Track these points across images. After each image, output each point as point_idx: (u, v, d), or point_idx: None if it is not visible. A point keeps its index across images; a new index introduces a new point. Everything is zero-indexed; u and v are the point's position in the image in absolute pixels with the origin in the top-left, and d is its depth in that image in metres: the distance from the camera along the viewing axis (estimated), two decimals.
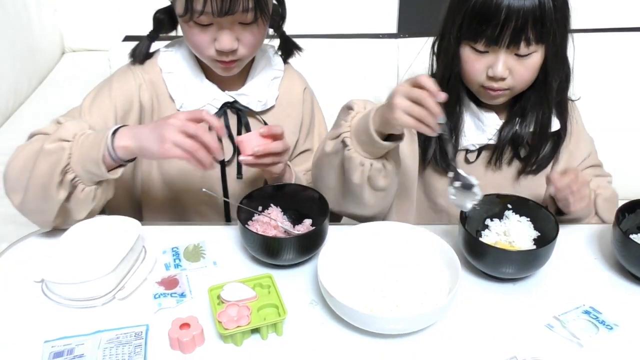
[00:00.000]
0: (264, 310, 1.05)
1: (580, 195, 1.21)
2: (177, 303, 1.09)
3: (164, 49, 1.35)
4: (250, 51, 1.25)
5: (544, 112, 1.28)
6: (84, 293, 1.08)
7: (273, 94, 1.38)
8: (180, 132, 1.07)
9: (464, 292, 1.10)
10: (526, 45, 1.16)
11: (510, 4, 1.12)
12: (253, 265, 1.19)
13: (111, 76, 1.35)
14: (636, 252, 1.11)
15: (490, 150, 1.33)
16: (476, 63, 1.21)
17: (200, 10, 1.15)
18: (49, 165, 1.11)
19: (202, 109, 1.30)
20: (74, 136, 1.12)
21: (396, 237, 1.18)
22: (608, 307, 1.08)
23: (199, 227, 1.30)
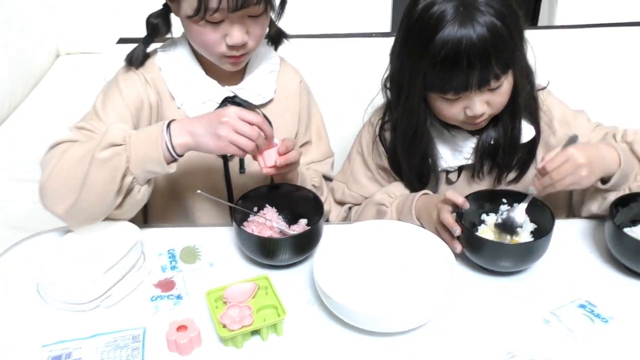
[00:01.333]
0: (263, 312, 1.06)
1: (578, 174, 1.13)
2: (173, 305, 1.10)
3: (161, 48, 1.35)
4: (258, 43, 1.26)
5: (513, 126, 1.27)
6: (71, 298, 1.08)
7: (271, 87, 1.38)
8: (235, 131, 1.11)
9: (461, 289, 1.10)
10: (496, 80, 1.17)
11: (469, 50, 1.11)
12: (249, 266, 1.19)
13: (115, 78, 1.34)
14: (630, 245, 1.11)
15: (470, 168, 1.34)
16: (451, 108, 1.22)
17: (215, 8, 1.15)
18: (108, 172, 1.11)
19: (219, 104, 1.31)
20: (124, 139, 1.12)
21: (391, 235, 1.18)
22: (603, 300, 1.09)
23: (195, 228, 1.30)
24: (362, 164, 1.44)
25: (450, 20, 1.12)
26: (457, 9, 1.12)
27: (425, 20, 1.15)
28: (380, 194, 1.36)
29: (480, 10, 1.12)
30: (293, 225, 1.24)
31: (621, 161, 1.16)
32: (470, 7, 1.12)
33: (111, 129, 1.14)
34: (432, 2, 1.15)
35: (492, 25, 1.12)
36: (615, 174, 1.16)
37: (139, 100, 1.30)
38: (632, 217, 1.20)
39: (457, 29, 1.11)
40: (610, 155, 1.17)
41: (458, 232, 1.14)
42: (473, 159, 1.32)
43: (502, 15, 1.13)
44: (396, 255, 1.17)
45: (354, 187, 1.44)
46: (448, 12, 1.12)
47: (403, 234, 1.18)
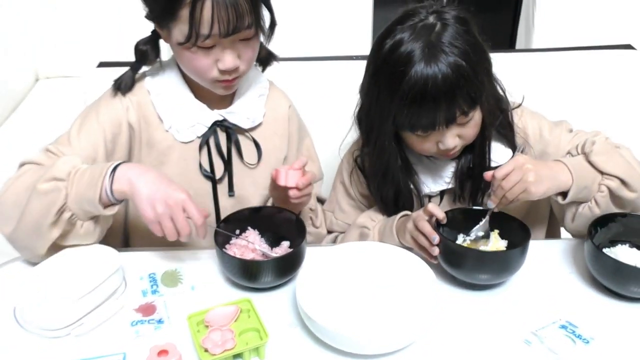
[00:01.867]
0: (246, 335, 1.05)
1: (524, 182, 1.13)
2: (154, 330, 1.08)
3: (150, 72, 1.35)
4: (250, 66, 1.27)
5: (482, 156, 1.29)
6: (45, 324, 1.07)
7: (260, 111, 1.39)
8: (169, 217, 1.11)
9: (443, 309, 1.11)
10: (464, 116, 1.18)
11: (434, 90, 1.13)
12: (231, 289, 1.18)
13: (97, 101, 1.34)
14: (609, 265, 1.12)
15: (451, 192, 1.35)
16: (424, 143, 1.23)
17: (207, 34, 1.15)
18: (44, 205, 1.11)
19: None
20: (68, 175, 1.12)
21: (373, 256, 1.19)
22: (584, 320, 1.09)
23: (176, 252, 1.29)
24: (345, 193, 1.45)
25: (417, 62, 1.13)
26: (422, 50, 1.13)
27: (392, 63, 1.16)
28: (363, 217, 1.37)
29: (444, 51, 1.13)
30: (275, 248, 1.24)
31: (572, 175, 1.17)
32: (435, 48, 1.13)
33: (59, 162, 1.14)
34: (399, 42, 1.15)
35: (456, 65, 1.13)
36: (570, 188, 1.17)
37: (116, 125, 1.29)
38: (611, 237, 1.21)
39: (423, 70, 1.12)
40: (561, 170, 1.18)
41: (437, 240, 1.15)
42: (453, 182, 1.33)
43: (467, 54, 1.14)
44: (378, 276, 1.17)
45: (339, 216, 1.45)
46: (414, 54, 1.13)
47: (385, 255, 1.18)
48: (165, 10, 1.18)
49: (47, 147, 1.24)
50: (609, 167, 1.18)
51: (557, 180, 1.17)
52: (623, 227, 1.21)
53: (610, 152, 1.21)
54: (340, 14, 2.48)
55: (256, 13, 1.18)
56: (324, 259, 1.17)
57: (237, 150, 1.38)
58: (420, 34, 1.15)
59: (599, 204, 1.20)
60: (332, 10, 2.47)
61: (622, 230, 1.21)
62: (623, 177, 1.18)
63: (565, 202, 1.19)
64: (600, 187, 1.19)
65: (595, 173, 1.19)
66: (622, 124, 1.65)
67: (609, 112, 1.65)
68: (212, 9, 1.13)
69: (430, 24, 1.16)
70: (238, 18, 1.14)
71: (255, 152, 1.39)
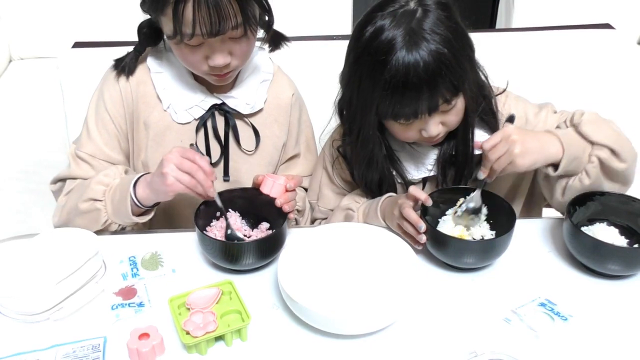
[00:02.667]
0: (227, 317, 1.04)
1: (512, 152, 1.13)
2: (135, 313, 1.08)
3: (154, 51, 1.34)
4: (244, 60, 1.27)
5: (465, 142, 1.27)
6: (24, 309, 1.06)
7: (262, 97, 1.37)
8: (178, 169, 1.14)
9: (424, 289, 1.11)
10: (447, 104, 1.17)
11: (415, 78, 1.11)
12: (212, 272, 1.18)
13: (101, 88, 1.36)
14: (587, 244, 1.14)
15: (433, 179, 1.34)
16: (407, 131, 1.22)
17: (190, 34, 1.14)
18: (89, 221, 1.25)
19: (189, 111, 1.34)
20: (103, 194, 1.24)
21: (355, 237, 1.19)
22: (562, 298, 1.11)
23: (156, 234, 1.28)
24: (328, 179, 1.44)
25: (398, 50, 1.11)
26: (403, 38, 1.11)
27: (372, 52, 1.13)
28: (347, 199, 1.36)
29: (425, 38, 1.11)
30: (255, 230, 1.23)
31: (564, 146, 1.15)
32: (416, 35, 1.11)
33: (93, 183, 1.25)
34: (380, 29, 1.13)
35: (437, 52, 1.11)
36: (562, 159, 1.16)
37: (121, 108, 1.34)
38: (589, 216, 1.23)
39: (403, 58, 1.10)
40: (551, 141, 1.16)
41: (424, 229, 1.15)
42: (436, 170, 1.32)
43: (448, 41, 1.12)
44: (360, 257, 1.17)
45: (321, 202, 1.44)
46: (396, 42, 1.11)
47: (367, 235, 1.19)
48: (152, 5, 1.18)
49: (75, 153, 1.33)
50: (599, 137, 1.17)
51: (545, 152, 1.16)
52: (601, 206, 1.22)
53: (599, 122, 1.20)
54: None
55: (244, 13, 1.15)
56: (305, 240, 1.17)
57: (235, 136, 1.37)
58: (401, 20, 1.12)
59: (589, 175, 1.18)
60: None
61: (600, 208, 1.22)
62: (613, 146, 1.16)
63: (556, 173, 1.18)
64: (590, 157, 1.18)
65: (586, 144, 1.18)
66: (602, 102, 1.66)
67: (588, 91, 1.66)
68: (194, 11, 1.11)
69: (411, 10, 1.13)
70: (221, 20, 1.13)
71: (254, 138, 1.38)
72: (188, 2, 1.11)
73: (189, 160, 1.15)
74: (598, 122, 1.20)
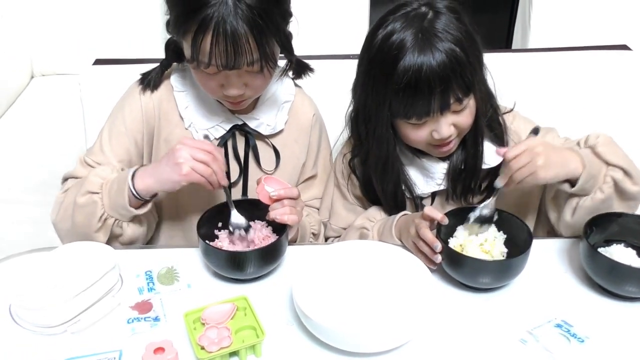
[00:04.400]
0: (242, 333, 1.05)
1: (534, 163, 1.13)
2: (151, 327, 1.08)
3: (178, 68, 1.36)
4: (258, 92, 1.29)
5: (475, 150, 1.29)
6: (41, 321, 1.07)
7: (283, 118, 1.38)
8: (193, 159, 1.15)
9: (439, 307, 1.11)
10: (459, 103, 1.18)
11: (429, 76, 1.13)
12: (228, 287, 1.18)
13: (122, 101, 1.37)
14: (604, 265, 1.13)
15: (442, 193, 1.35)
16: (419, 133, 1.23)
17: (207, 64, 1.16)
18: (85, 216, 1.22)
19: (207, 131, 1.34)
20: (100, 187, 1.22)
21: (370, 255, 1.19)
22: (579, 319, 1.10)
23: (172, 250, 1.29)
24: (340, 195, 1.44)
25: (410, 48, 1.14)
26: (415, 36, 1.14)
27: (385, 50, 1.16)
28: (361, 219, 1.37)
29: (438, 37, 1.14)
30: None
31: (585, 162, 1.17)
32: (429, 33, 1.14)
33: (91, 176, 1.24)
34: (391, 31, 1.16)
35: (451, 51, 1.14)
36: (581, 176, 1.17)
37: (141, 123, 1.35)
38: (606, 237, 1.22)
39: (417, 56, 1.13)
40: (572, 157, 1.17)
41: (439, 249, 1.15)
42: (445, 184, 1.33)
43: (460, 41, 1.15)
44: (375, 275, 1.17)
45: (333, 220, 1.44)
46: (407, 40, 1.14)
47: (381, 253, 1.18)
48: (176, 28, 1.20)
49: (84, 159, 1.32)
50: (614, 158, 1.19)
51: (567, 167, 1.16)
52: (618, 227, 1.22)
53: (613, 145, 1.23)
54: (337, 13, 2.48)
55: (262, 51, 1.16)
56: (320, 257, 1.17)
57: (255, 156, 1.38)
58: (413, 21, 1.16)
59: (604, 193, 1.20)
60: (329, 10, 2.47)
61: (617, 229, 1.22)
62: (627, 168, 1.19)
63: (572, 190, 1.18)
64: (605, 178, 1.20)
65: (601, 164, 1.20)
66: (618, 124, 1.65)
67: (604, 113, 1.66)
68: (211, 43, 1.13)
69: (422, 12, 1.17)
70: (237, 55, 1.14)
71: (274, 158, 1.39)
72: (207, 34, 1.12)
73: (204, 150, 1.16)
74: (612, 145, 1.23)
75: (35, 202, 1.95)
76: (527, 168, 1.13)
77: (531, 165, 1.12)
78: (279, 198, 1.21)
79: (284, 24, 1.21)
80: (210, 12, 1.11)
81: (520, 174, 1.13)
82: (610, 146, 1.22)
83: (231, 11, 1.11)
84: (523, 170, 1.13)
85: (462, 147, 1.30)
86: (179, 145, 1.16)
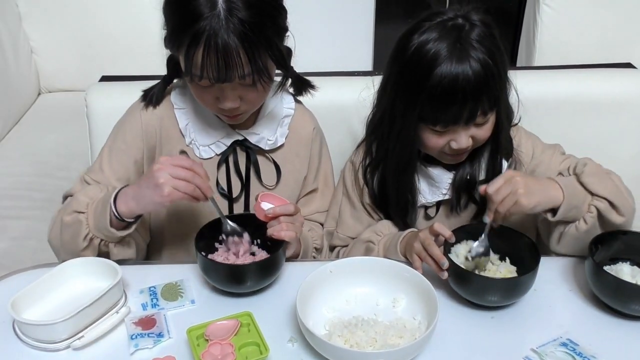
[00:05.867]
0: (246, 349, 1.04)
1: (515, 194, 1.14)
2: (154, 343, 1.08)
3: (178, 85, 1.37)
4: (254, 107, 1.29)
5: (494, 164, 1.30)
6: (44, 337, 1.07)
7: (283, 132, 1.39)
8: (173, 178, 1.13)
9: (443, 325, 1.10)
10: (483, 116, 1.20)
11: (465, 85, 1.14)
12: (231, 303, 1.18)
13: (124, 118, 1.38)
14: (610, 283, 1.12)
15: (447, 203, 1.36)
16: (438, 140, 1.23)
17: (199, 76, 1.17)
18: (71, 235, 1.21)
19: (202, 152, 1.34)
20: (86, 206, 1.21)
21: (374, 272, 1.18)
22: (584, 338, 1.09)
23: (176, 265, 1.29)
24: (348, 203, 1.44)
25: (447, 56, 1.15)
26: (453, 45, 1.15)
27: (421, 56, 1.17)
28: (369, 232, 1.36)
29: (474, 47, 1.16)
30: None
31: (564, 193, 1.18)
32: (467, 44, 1.16)
33: (80, 194, 1.24)
34: (426, 40, 1.17)
35: (486, 62, 1.15)
36: (561, 205, 1.18)
37: (142, 141, 1.35)
38: (612, 255, 1.21)
39: (454, 64, 1.14)
40: (552, 186, 1.19)
41: (446, 266, 1.15)
42: (450, 194, 1.33)
43: (493, 54, 1.17)
44: (379, 291, 1.17)
45: (340, 229, 1.44)
46: (445, 48, 1.15)
47: (385, 270, 1.18)
48: (171, 42, 1.21)
49: (84, 177, 1.32)
50: (599, 189, 1.20)
51: (547, 195, 1.18)
52: (624, 245, 1.21)
53: (600, 175, 1.23)
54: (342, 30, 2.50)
55: (254, 64, 1.16)
56: (324, 273, 1.17)
57: (256, 171, 1.38)
58: (451, 30, 1.17)
59: (587, 224, 1.21)
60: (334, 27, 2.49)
61: (623, 248, 1.21)
62: (612, 199, 1.19)
63: (554, 219, 1.20)
64: (589, 207, 1.21)
65: (586, 194, 1.21)
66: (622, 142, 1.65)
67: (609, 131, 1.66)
68: (203, 56, 1.14)
69: (460, 24, 1.18)
70: (228, 69, 1.14)
71: (275, 173, 1.39)
72: (199, 47, 1.13)
73: (183, 167, 1.15)
74: (600, 175, 1.23)
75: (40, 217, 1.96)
76: (509, 198, 1.14)
77: (512, 195, 1.14)
78: (274, 215, 1.21)
79: (277, 39, 1.22)
80: (202, 26, 1.12)
81: (504, 206, 1.14)
82: (596, 176, 1.22)
83: (223, 24, 1.12)
84: (506, 201, 1.14)
85: (470, 159, 1.30)
86: (156, 166, 1.14)
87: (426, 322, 1.09)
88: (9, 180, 2.11)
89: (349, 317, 1.12)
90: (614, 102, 1.66)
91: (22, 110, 2.51)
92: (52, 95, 2.65)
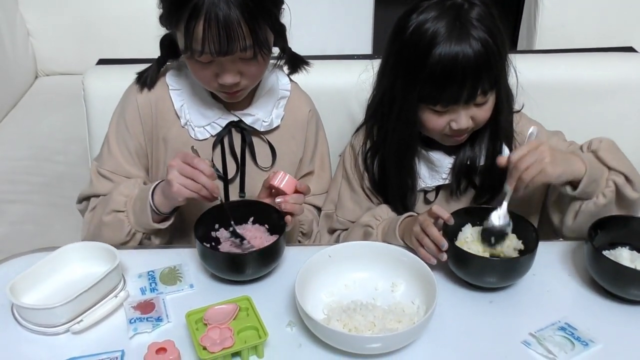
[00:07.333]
0: (245, 333, 1.04)
1: (541, 162, 1.12)
2: (153, 327, 1.08)
3: (172, 67, 1.37)
4: (254, 81, 1.28)
5: (494, 147, 1.29)
6: (43, 321, 1.07)
7: (278, 114, 1.38)
8: (181, 175, 1.17)
9: (442, 310, 1.10)
10: (483, 96, 1.19)
11: (465, 64, 1.14)
12: (230, 288, 1.18)
13: (122, 103, 1.38)
14: (608, 268, 1.12)
15: (447, 187, 1.35)
16: (438, 120, 1.23)
17: (200, 51, 1.16)
18: (114, 232, 1.27)
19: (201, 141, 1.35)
20: (124, 205, 1.27)
21: (372, 256, 1.18)
22: (583, 323, 1.09)
23: (175, 249, 1.29)
24: (347, 187, 1.44)
25: (446, 35, 1.14)
26: (452, 24, 1.15)
27: (420, 35, 1.17)
28: (367, 216, 1.36)
29: (474, 26, 1.15)
30: None
31: (587, 166, 1.17)
32: (466, 22, 1.15)
33: (114, 194, 1.28)
34: (424, 20, 1.17)
35: (486, 41, 1.15)
36: (583, 177, 1.17)
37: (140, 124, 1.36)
38: (611, 240, 1.21)
39: (453, 43, 1.14)
40: (575, 158, 1.18)
41: (446, 247, 1.15)
42: (450, 178, 1.33)
43: (493, 33, 1.17)
44: (378, 275, 1.17)
45: (340, 213, 1.44)
46: (444, 27, 1.15)
47: (384, 254, 1.18)
48: (168, 19, 1.20)
49: (98, 171, 1.36)
50: (616, 164, 1.20)
51: (571, 166, 1.17)
52: (623, 230, 1.21)
53: (616, 150, 1.24)
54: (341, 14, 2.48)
55: (254, 36, 1.16)
56: (323, 257, 1.17)
57: (251, 153, 1.38)
58: (450, 9, 1.17)
59: (606, 197, 1.20)
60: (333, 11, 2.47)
61: (622, 232, 1.21)
62: (628, 174, 1.20)
63: (575, 192, 1.19)
64: (607, 182, 1.20)
65: (604, 168, 1.21)
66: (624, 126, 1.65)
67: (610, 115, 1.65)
68: (204, 29, 1.13)
69: (458, 3, 1.18)
70: (230, 41, 1.14)
71: (270, 155, 1.39)
72: (200, 20, 1.12)
73: (189, 165, 1.17)
74: (615, 150, 1.24)
75: (38, 201, 1.96)
76: (535, 166, 1.12)
77: (538, 163, 1.12)
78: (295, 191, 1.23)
79: (275, 10, 1.22)
80: None
81: (529, 173, 1.12)
82: (612, 151, 1.23)
83: None
84: (531, 169, 1.12)
85: (470, 143, 1.30)
86: (170, 162, 1.18)
87: (425, 307, 1.09)
88: (7, 165, 2.11)
89: (348, 302, 1.12)
90: (615, 86, 1.66)
91: (19, 93, 2.50)
92: (50, 78, 2.63)
